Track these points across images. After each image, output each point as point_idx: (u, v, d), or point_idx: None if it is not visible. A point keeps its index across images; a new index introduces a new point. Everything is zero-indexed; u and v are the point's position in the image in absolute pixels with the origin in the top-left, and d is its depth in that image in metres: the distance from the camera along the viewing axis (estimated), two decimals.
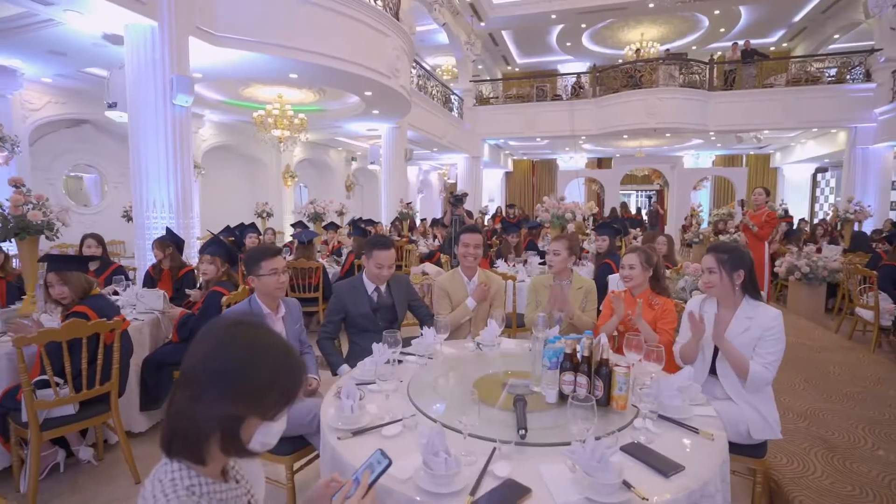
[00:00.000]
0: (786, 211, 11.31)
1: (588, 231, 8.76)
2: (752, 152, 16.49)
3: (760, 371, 1.97)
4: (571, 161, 17.83)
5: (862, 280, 4.70)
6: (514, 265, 5.46)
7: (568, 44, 14.86)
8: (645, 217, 14.62)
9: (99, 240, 4.07)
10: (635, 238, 6.84)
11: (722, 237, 7.48)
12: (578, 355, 1.74)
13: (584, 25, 13.36)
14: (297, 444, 2.05)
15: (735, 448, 2.02)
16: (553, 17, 12.33)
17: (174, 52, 4.62)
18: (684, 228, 12.67)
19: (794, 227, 10.33)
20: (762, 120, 11.91)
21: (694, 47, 14.52)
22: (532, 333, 2.31)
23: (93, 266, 3.98)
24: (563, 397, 1.74)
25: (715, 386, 2.13)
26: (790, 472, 2.45)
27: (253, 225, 5.47)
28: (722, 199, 16.27)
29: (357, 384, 1.91)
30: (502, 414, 1.68)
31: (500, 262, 5.71)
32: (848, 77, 11.69)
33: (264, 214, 9.65)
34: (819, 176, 15.58)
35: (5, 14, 4.95)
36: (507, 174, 19.93)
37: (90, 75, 6.26)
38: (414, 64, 11.16)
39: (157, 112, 4.60)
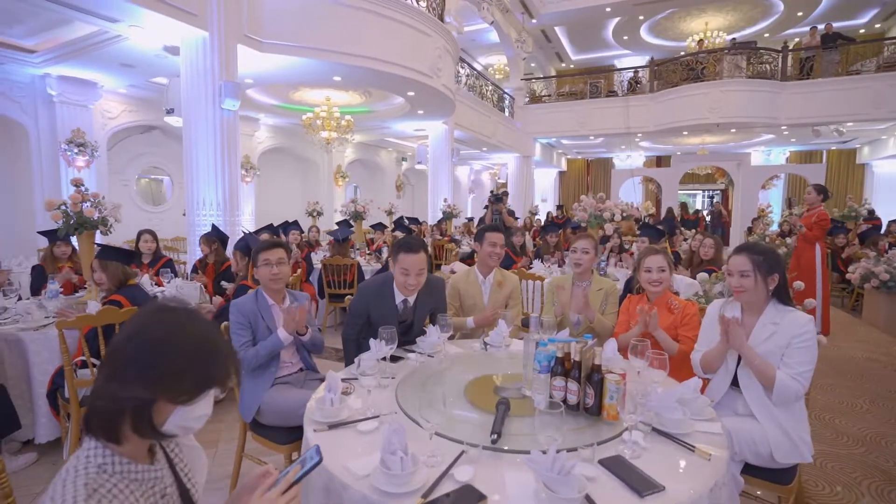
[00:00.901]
0: (870, 212, 10.16)
1: (638, 232, 8.35)
2: (833, 147, 14.97)
3: (788, 382, 1.76)
4: (629, 160, 17.07)
5: None
6: (549, 266, 5.31)
7: (625, 37, 14.24)
8: (707, 218, 13.69)
9: (153, 235, 4.42)
10: (686, 240, 6.42)
11: (788, 240, 6.85)
12: (573, 360, 1.64)
13: (641, 17, 12.73)
14: (296, 434, 2.09)
15: (757, 472, 1.84)
16: (608, 10, 11.87)
17: (223, 59, 4.90)
18: (749, 231, 11.74)
19: (884, 230, 9.26)
20: (846, 111, 10.77)
21: (766, 35, 13.40)
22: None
23: (146, 259, 4.33)
24: (554, 403, 1.66)
25: (736, 400, 1.94)
26: (831, 502, 2.18)
27: (296, 223, 5.69)
28: (798, 199, 14.91)
29: (348, 379, 1.93)
30: (483, 416, 1.62)
31: (536, 263, 5.58)
32: None
33: (314, 213, 10.02)
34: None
35: (83, 33, 5.50)
36: (561, 173, 19.44)
37: (157, 84, 6.80)
38: (462, 63, 11.19)
39: (208, 116, 4.90)
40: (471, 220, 12.71)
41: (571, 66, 17.09)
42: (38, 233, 4.30)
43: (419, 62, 6.75)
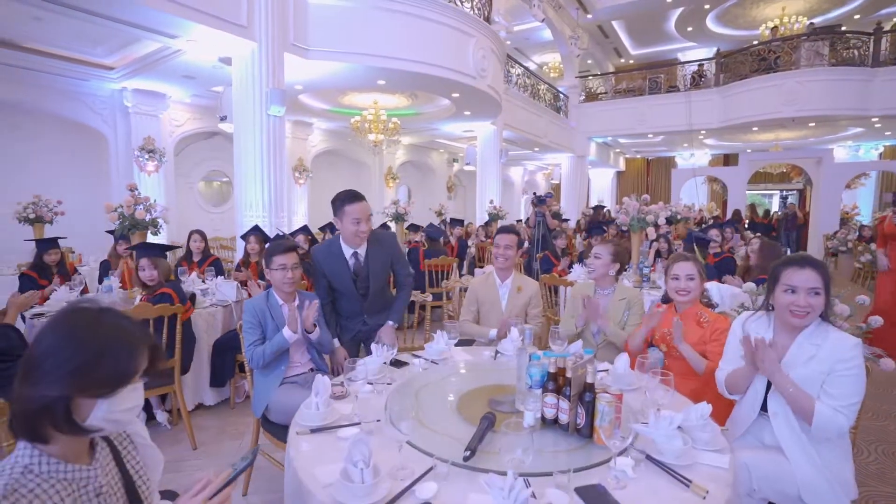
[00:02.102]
0: None
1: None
2: None
3: (830, 415, 1.53)
4: (692, 159, 16.04)
5: None
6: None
7: (689, 29, 13.38)
8: (783, 219, 12.54)
9: (202, 235, 4.70)
10: (746, 244, 5.89)
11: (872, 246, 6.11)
12: (567, 376, 1.54)
13: (707, 6, 11.90)
14: None
15: None
16: (669, 0, 11.22)
17: (270, 67, 5.13)
18: (833, 235, 10.63)
19: None
20: None
21: (857, 16, 12.07)
22: (550, 345, 2.13)
23: (196, 258, 4.62)
24: (544, 421, 1.57)
25: (764, 428, 1.73)
26: None
27: (331, 224, 5.85)
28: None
29: (339, 383, 1.93)
30: (469, 430, 1.56)
31: (576, 267, 5.37)
32: None
33: None
34: None
35: (151, 49, 5.99)
36: (619, 173, 18.66)
37: (216, 93, 7.25)
38: (513, 63, 11.02)
39: (255, 122, 5.15)
40: (520, 221, 12.49)
41: (631, 61, 16.34)
42: (106, 231, 4.73)
43: (462, 63, 6.72)
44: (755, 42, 12.14)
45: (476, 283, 2.95)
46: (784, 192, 16.98)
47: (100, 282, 4.15)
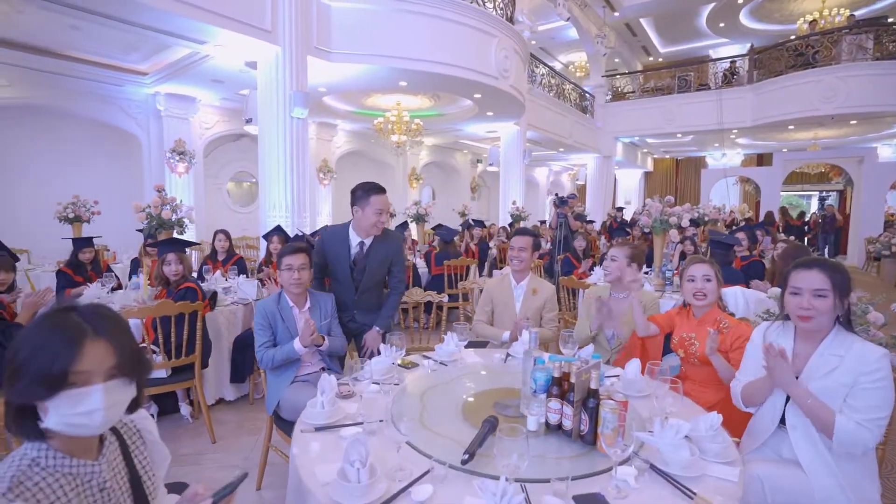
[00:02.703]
0: None
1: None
2: None
3: (853, 429, 1.44)
4: (724, 158, 15.54)
5: None
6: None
7: (721, 24, 12.96)
8: (820, 221, 12.01)
9: (227, 234, 4.83)
10: (773, 247, 5.66)
11: None
12: (571, 381, 1.52)
13: (741, 1, 11.52)
14: None
15: None
16: None
17: (294, 71, 5.24)
18: (875, 239, 10.11)
19: None
20: None
21: None
22: (560, 349, 2.10)
23: (221, 256, 4.75)
24: (548, 426, 1.55)
25: (783, 441, 1.65)
26: None
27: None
28: None
29: (345, 382, 1.94)
30: (471, 432, 1.55)
31: (597, 270, 5.27)
32: None
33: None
34: None
35: (181, 55, 6.20)
36: (647, 174, 18.24)
37: (243, 97, 7.45)
38: (537, 63, 10.92)
39: (279, 124, 5.27)
40: (543, 222, 12.37)
41: (660, 59, 15.94)
42: (136, 230, 4.92)
43: (485, 64, 6.69)
44: (792, 37, 11.68)
45: (491, 284, 2.94)
46: (823, 193, 16.27)
47: (129, 279, 4.33)
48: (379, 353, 2.15)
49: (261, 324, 2.30)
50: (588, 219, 9.73)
